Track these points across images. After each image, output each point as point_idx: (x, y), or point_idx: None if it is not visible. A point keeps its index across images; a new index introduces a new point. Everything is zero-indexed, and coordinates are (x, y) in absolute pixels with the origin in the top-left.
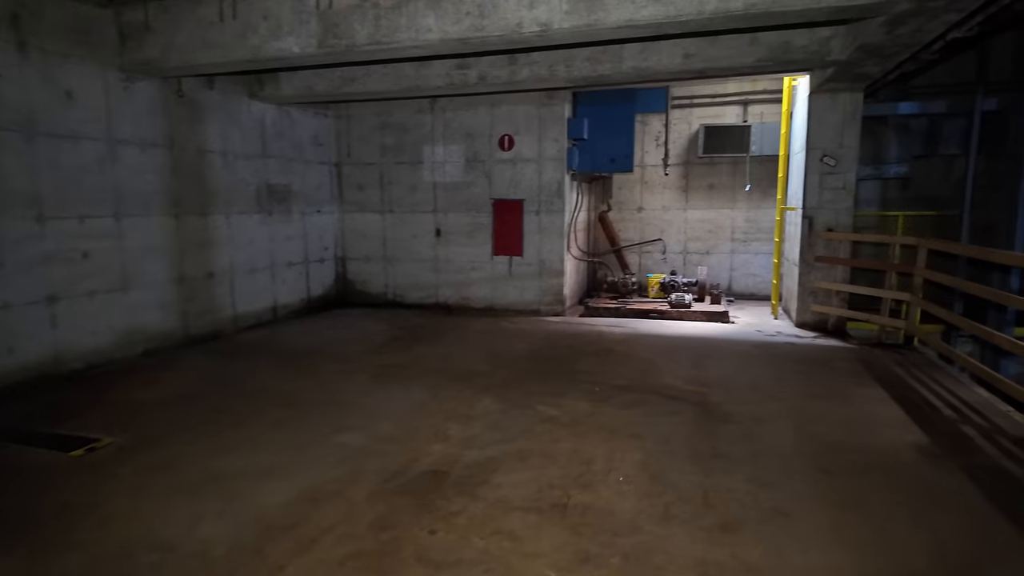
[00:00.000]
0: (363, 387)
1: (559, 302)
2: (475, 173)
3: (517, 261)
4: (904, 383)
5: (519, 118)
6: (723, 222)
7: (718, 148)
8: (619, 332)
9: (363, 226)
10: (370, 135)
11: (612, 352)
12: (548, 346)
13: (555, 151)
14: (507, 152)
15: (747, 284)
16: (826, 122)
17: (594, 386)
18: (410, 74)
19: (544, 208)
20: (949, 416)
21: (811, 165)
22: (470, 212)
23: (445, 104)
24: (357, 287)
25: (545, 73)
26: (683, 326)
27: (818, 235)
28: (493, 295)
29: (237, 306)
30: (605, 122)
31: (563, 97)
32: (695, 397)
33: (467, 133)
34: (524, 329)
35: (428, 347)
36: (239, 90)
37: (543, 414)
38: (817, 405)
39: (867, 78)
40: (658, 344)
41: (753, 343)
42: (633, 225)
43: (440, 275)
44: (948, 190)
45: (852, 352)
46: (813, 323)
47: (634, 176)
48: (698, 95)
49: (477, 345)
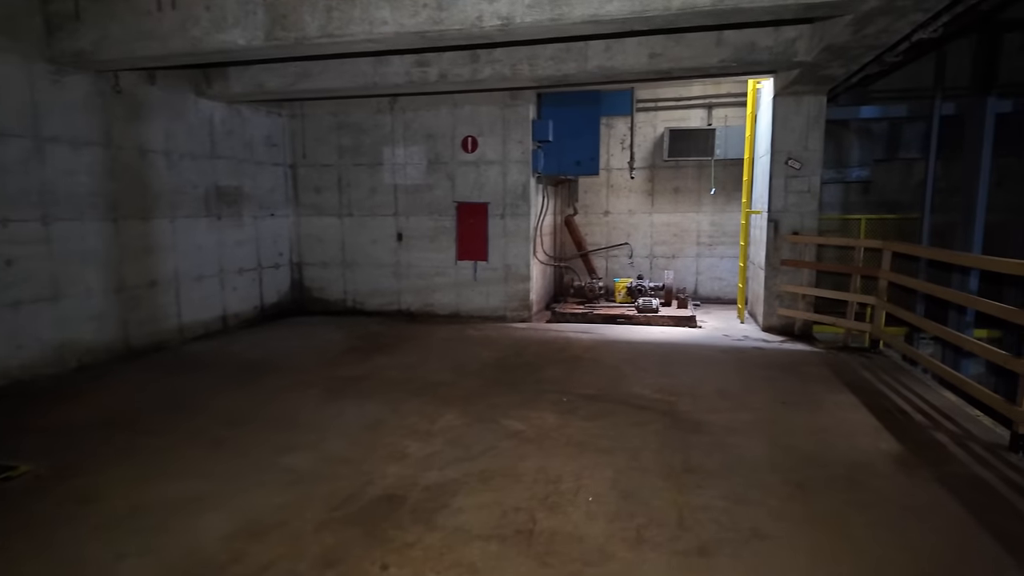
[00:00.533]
0: (315, 402)
1: (526, 308)
2: (437, 175)
3: (482, 266)
4: (873, 388)
5: (482, 119)
6: (689, 226)
7: (683, 151)
8: (586, 338)
9: (320, 230)
10: (327, 135)
11: (580, 360)
12: (514, 354)
13: (520, 153)
14: (470, 154)
15: (713, 288)
16: (790, 125)
17: (562, 396)
18: (367, 71)
19: (509, 211)
20: (921, 422)
21: (776, 168)
22: (433, 215)
23: (405, 104)
24: (314, 294)
25: (508, 72)
26: (651, 331)
27: (784, 239)
28: (458, 301)
29: (183, 316)
30: (570, 124)
31: (527, 98)
32: (665, 406)
33: (428, 134)
34: (490, 336)
35: (388, 357)
36: (184, 86)
37: (508, 428)
38: (788, 413)
39: (831, 80)
40: (626, 350)
41: (721, 348)
42: (599, 229)
43: (402, 281)
44: (908, 194)
45: (819, 356)
46: (780, 327)
47: (600, 179)
48: (663, 98)
49: (440, 354)
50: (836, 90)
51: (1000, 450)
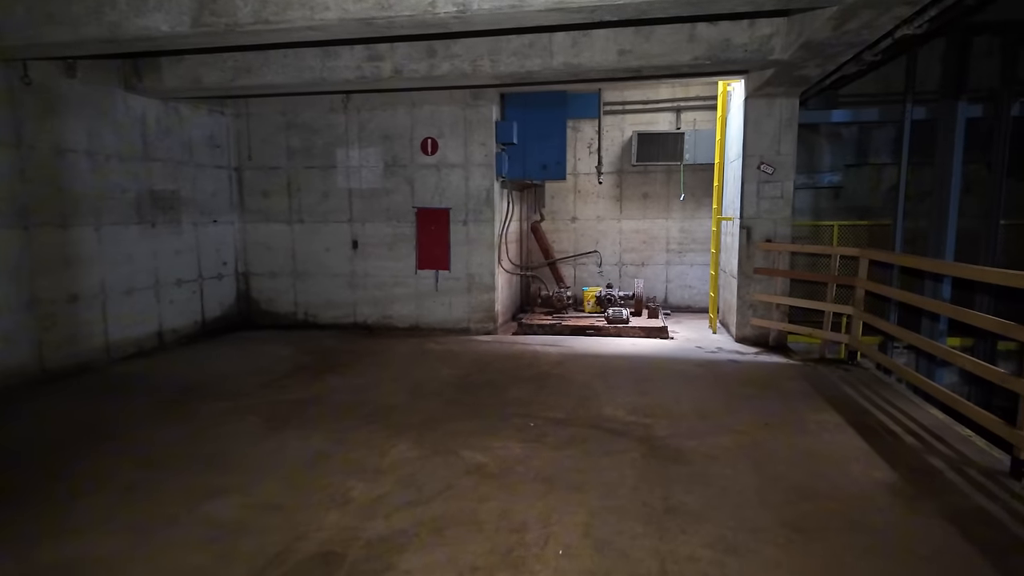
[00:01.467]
0: (251, 433)
1: (490, 319)
2: (395, 179)
3: (444, 275)
4: (857, 405)
5: (443, 120)
6: (658, 232)
7: (652, 156)
8: (555, 352)
9: (268, 238)
10: (275, 136)
11: (548, 377)
12: (478, 371)
13: (483, 156)
14: (431, 157)
15: (683, 296)
16: (763, 128)
17: (528, 421)
18: (314, 65)
19: (472, 218)
20: (912, 445)
21: (748, 173)
22: (391, 222)
23: (360, 103)
24: (262, 306)
25: (468, 68)
26: (621, 343)
27: (756, 246)
28: (418, 313)
29: (111, 333)
30: (536, 126)
31: (490, 98)
32: (640, 431)
33: (385, 135)
34: (452, 351)
35: (339, 377)
36: (111, 80)
37: (469, 461)
38: (773, 436)
39: (806, 82)
40: (596, 365)
41: (695, 362)
42: (567, 236)
43: (358, 292)
44: (878, 199)
45: (797, 370)
46: (754, 338)
47: (567, 184)
48: (630, 101)
49: (397, 372)
50: (807, 93)
51: (1000, 476)
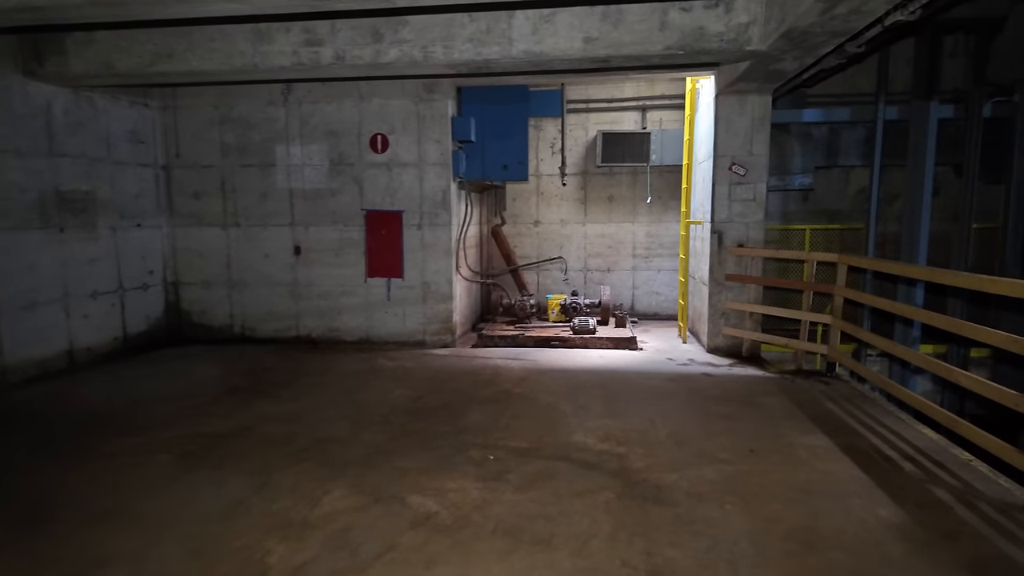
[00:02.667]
0: (158, 477)
1: (448, 331)
2: (342, 179)
3: (397, 284)
4: (845, 425)
5: (394, 114)
6: (624, 237)
7: (617, 157)
8: (517, 367)
9: (201, 243)
10: (207, 131)
11: (510, 396)
12: (432, 391)
13: (438, 155)
14: (381, 155)
15: (651, 303)
16: (734, 127)
17: (488, 452)
18: (245, 50)
19: (427, 221)
20: (912, 473)
21: (719, 175)
22: (337, 225)
23: (302, 95)
24: (194, 319)
25: (419, 55)
26: (588, 356)
27: (728, 251)
28: (368, 325)
29: (6, 354)
30: (495, 123)
31: (445, 92)
32: (614, 462)
33: (330, 131)
34: (405, 368)
35: (273, 402)
36: (4, 64)
37: (416, 510)
38: (760, 466)
39: (780, 77)
40: (563, 381)
41: (667, 376)
42: (530, 240)
43: (301, 302)
44: (847, 202)
45: (775, 383)
46: (726, 348)
47: (530, 186)
48: (595, 99)
49: (341, 395)
50: (777, 92)
51: (1016, 512)
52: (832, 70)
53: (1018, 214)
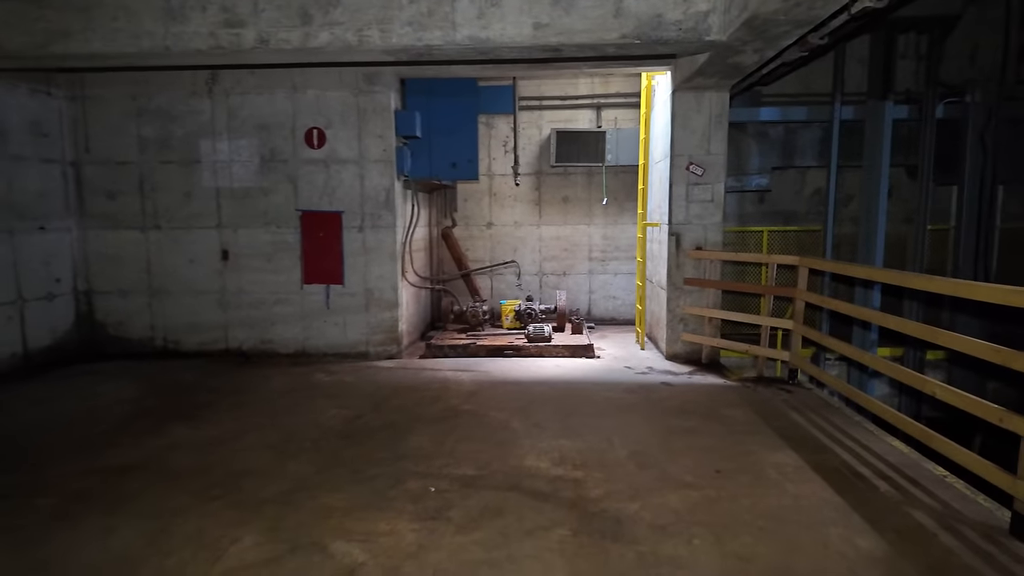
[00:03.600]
0: (34, 527)
1: (393, 341)
2: (275, 176)
3: (337, 291)
4: (812, 439)
5: (332, 107)
6: (580, 240)
7: (572, 156)
8: (468, 380)
9: (117, 248)
10: (123, 124)
11: (458, 414)
12: (372, 410)
13: (380, 151)
14: (317, 150)
15: (607, 308)
16: (691, 125)
17: (429, 483)
18: (155, 30)
19: (370, 223)
20: (888, 494)
21: (676, 175)
22: (270, 228)
23: (229, 84)
24: (110, 332)
25: (353, 39)
26: (544, 365)
27: (686, 254)
28: (306, 336)
29: None
30: (443, 118)
31: (388, 83)
32: (569, 490)
33: (261, 124)
34: (344, 383)
35: (189, 427)
36: None
37: (340, 561)
38: (729, 490)
39: (739, 72)
40: (516, 395)
41: (625, 386)
42: (482, 243)
43: (231, 312)
44: (802, 204)
45: (737, 393)
46: (685, 355)
47: (482, 186)
48: (548, 96)
49: (269, 417)
50: (733, 89)
51: (1000, 536)
52: (793, 64)
53: (970, 216)
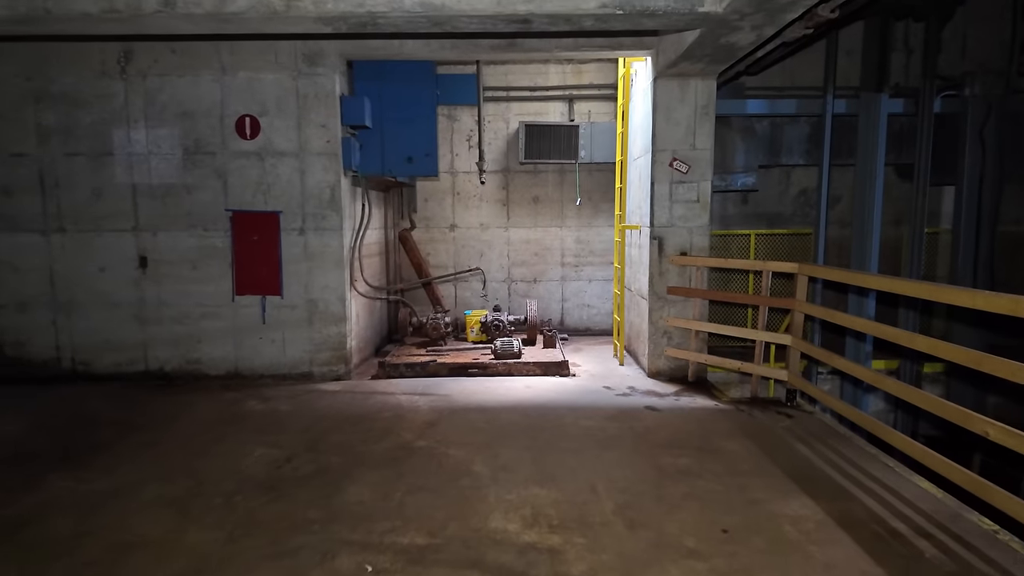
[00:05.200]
0: None
1: (341, 360)
2: (201, 171)
3: (274, 303)
4: (830, 482)
5: (266, 92)
6: (551, 243)
7: (542, 152)
8: (426, 406)
9: (13, 254)
10: (17, 109)
11: (411, 453)
12: (308, 448)
13: (324, 142)
14: (250, 141)
15: (581, 317)
16: (675, 117)
17: (366, 559)
18: None
19: (312, 224)
20: (934, 559)
21: (658, 172)
22: (195, 230)
23: (145, 64)
24: (7, 352)
25: (279, 4)
26: (513, 386)
27: (669, 260)
28: (238, 355)
29: None
30: (397, 106)
31: (332, 65)
32: (544, 566)
33: (184, 111)
34: (279, 413)
35: (77, 477)
36: None
37: None
38: (742, 560)
39: (729, 56)
40: (481, 426)
41: (606, 413)
42: (445, 247)
43: (150, 327)
44: (788, 205)
45: (730, 419)
46: (669, 372)
47: (444, 185)
48: (515, 87)
49: (180, 460)
50: (720, 78)
51: None
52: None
53: (969, 218)
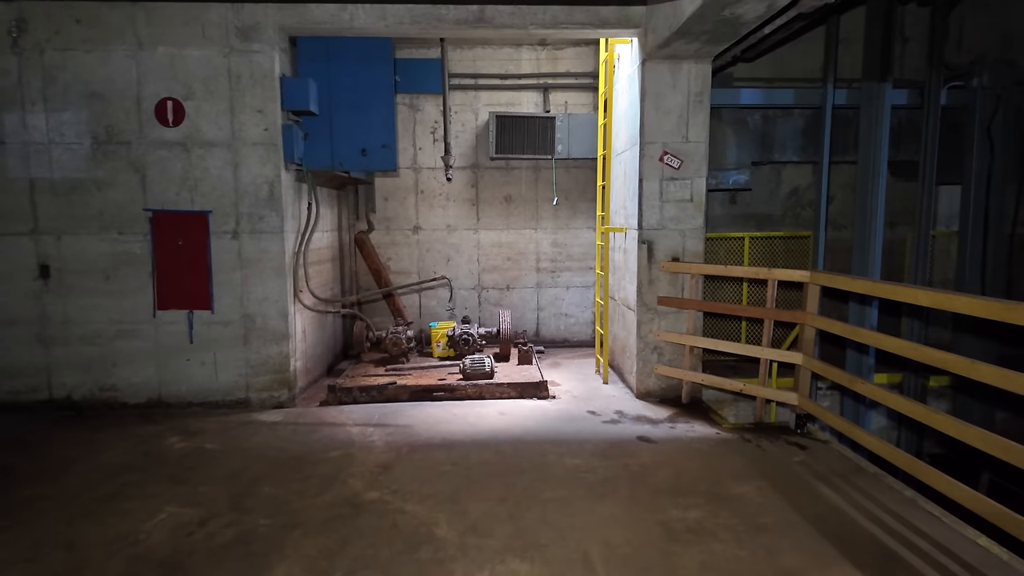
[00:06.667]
0: None
1: (283, 384)
2: (114, 164)
3: (204, 319)
4: (871, 540)
5: (193, 71)
6: (526, 247)
7: (515, 147)
8: (381, 442)
9: None
10: None
11: (359, 511)
12: (230, 505)
13: (262, 131)
14: (173, 129)
15: (559, 327)
16: (665, 105)
17: None
18: None
19: (248, 226)
20: None
21: (647, 168)
22: (108, 234)
23: (43, 36)
24: None
25: None
26: (485, 412)
27: (660, 266)
28: (162, 379)
29: None
30: (349, 89)
31: (270, 40)
32: None
33: (92, 92)
34: (204, 453)
35: None
36: None
37: None
38: None
39: (734, 32)
40: (446, 468)
41: (593, 447)
42: (408, 251)
43: (55, 349)
44: (779, 205)
45: (738, 452)
46: (660, 392)
47: (406, 182)
48: (485, 74)
49: (64, 525)
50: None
51: None
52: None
53: (977, 220)
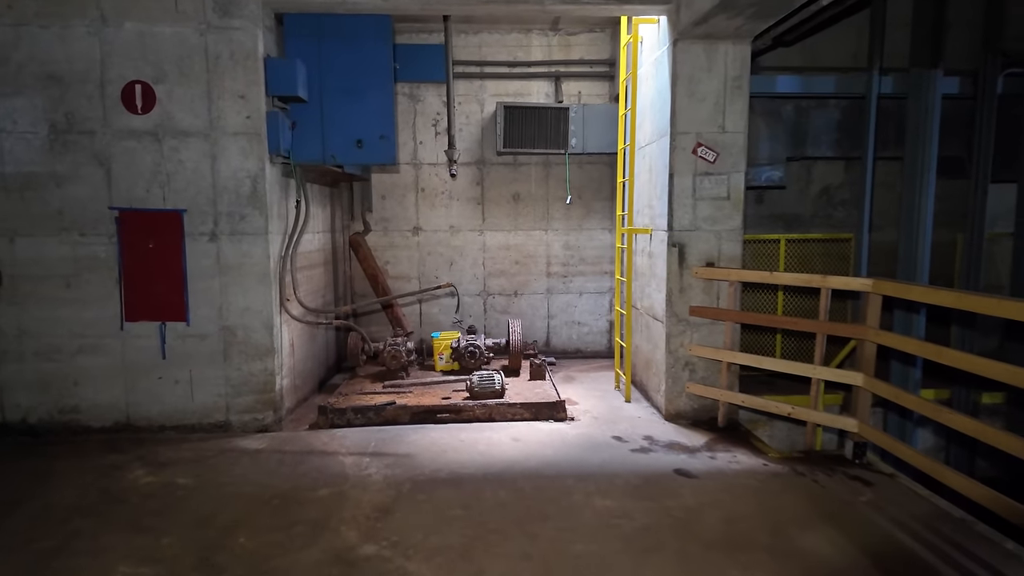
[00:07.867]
0: None
1: (269, 405)
2: (75, 156)
3: (178, 331)
4: None
5: (165, 50)
6: (535, 250)
7: (525, 140)
8: (379, 477)
9: None
10: None
11: (352, 571)
12: (200, 560)
13: (243, 119)
14: (142, 117)
15: (571, 336)
16: (699, 91)
17: None
18: None
19: (228, 227)
20: None
21: (678, 162)
22: (69, 235)
23: None
24: None
25: None
26: (496, 438)
27: (692, 272)
28: (130, 400)
29: None
30: (342, 72)
31: (252, 15)
32: None
33: (50, 75)
34: (172, 489)
35: None
36: None
37: None
38: None
39: (785, 5)
40: (456, 513)
41: (626, 483)
42: (407, 254)
43: (7, 365)
44: (809, 205)
45: (795, 490)
46: (692, 413)
47: (405, 179)
48: (491, 61)
49: None
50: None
51: None
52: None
53: None
